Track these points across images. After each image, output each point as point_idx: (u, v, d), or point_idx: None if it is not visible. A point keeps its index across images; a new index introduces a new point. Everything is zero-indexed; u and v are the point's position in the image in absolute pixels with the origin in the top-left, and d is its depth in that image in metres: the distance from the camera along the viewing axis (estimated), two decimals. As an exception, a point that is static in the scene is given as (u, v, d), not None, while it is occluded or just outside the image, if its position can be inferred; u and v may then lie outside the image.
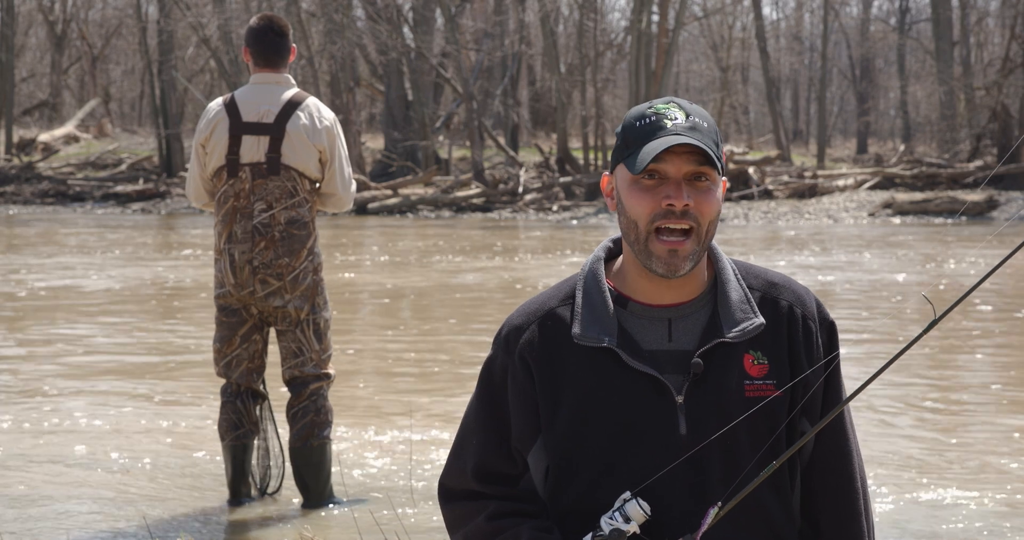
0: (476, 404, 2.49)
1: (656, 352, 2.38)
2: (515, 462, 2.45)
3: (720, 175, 2.40)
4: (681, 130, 2.35)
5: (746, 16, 44.47)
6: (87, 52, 46.19)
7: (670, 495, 2.34)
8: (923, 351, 9.98)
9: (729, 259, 2.49)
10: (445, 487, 2.51)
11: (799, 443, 2.32)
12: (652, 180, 2.36)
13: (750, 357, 2.38)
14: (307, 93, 5.83)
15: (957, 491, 6.11)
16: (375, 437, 7.19)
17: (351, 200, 5.85)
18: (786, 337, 2.41)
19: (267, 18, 5.82)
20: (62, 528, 5.54)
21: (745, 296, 2.42)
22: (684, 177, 2.36)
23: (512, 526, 2.40)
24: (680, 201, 2.33)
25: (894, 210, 27.21)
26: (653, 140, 2.35)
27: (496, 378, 2.46)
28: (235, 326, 5.75)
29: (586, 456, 2.38)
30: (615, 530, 2.28)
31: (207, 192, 5.79)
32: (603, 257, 2.49)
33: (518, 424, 2.43)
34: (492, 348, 2.48)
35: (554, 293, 2.48)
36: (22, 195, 32.22)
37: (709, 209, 2.36)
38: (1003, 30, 39.15)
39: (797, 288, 2.48)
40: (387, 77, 35.63)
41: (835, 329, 2.47)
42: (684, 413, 2.35)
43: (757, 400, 2.35)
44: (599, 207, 28.77)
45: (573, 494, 2.39)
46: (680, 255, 2.35)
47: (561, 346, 2.41)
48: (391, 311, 13.22)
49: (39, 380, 9.03)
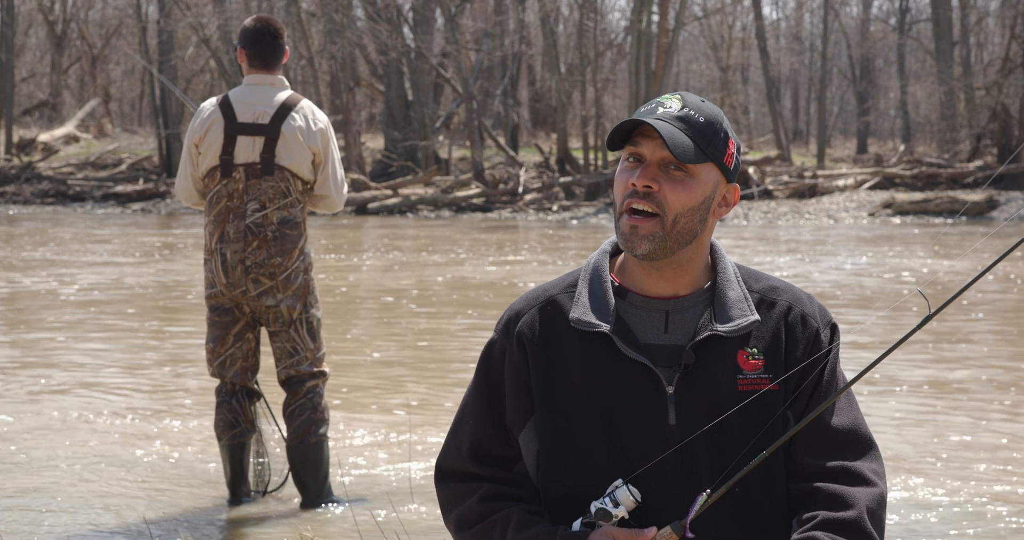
0: (474, 386, 2.54)
1: (651, 344, 2.41)
2: (510, 445, 2.48)
3: (716, 165, 2.40)
4: (664, 117, 2.38)
5: (746, 16, 44.47)
6: (87, 52, 46.19)
7: (660, 484, 2.36)
8: (923, 344, 9.98)
9: (733, 263, 2.51)
10: (441, 468, 2.55)
11: (789, 434, 2.33)
12: (633, 163, 2.40)
13: (744, 353, 2.40)
14: (300, 95, 5.86)
15: (940, 489, 6.11)
16: (375, 437, 7.19)
17: (343, 202, 5.88)
18: (784, 335, 2.43)
19: (263, 20, 5.84)
20: (62, 528, 5.54)
21: (743, 295, 2.44)
22: (658, 163, 2.38)
23: (503, 508, 2.44)
24: (642, 180, 2.37)
25: (894, 210, 27.20)
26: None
27: (495, 362, 2.50)
28: (228, 325, 5.76)
29: (576, 440, 2.41)
30: (601, 510, 2.32)
31: (198, 192, 5.80)
32: (609, 251, 2.52)
33: (511, 405, 2.47)
34: (493, 332, 2.53)
35: (558, 282, 2.52)
36: (22, 195, 32.21)
37: (675, 199, 2.37)
38: (1003, 30, 39.15)
39: (797, 292, 2.50)
40: (387, 77, 35.63)
41: (836, 330, 2.48)
42: (674, 404, 2.38)
43: (750, 394, 2.37)
44: (599, 207, 28.78)
45: (563, 479, 2.42)
46: (639, 233, 2.37)
47: (558, 331, 2.45)
48: (391, 310, 13.22)
49: (39, 380, 9.03)
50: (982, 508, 5.88)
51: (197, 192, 5.81)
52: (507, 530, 2.41)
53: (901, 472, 6.44)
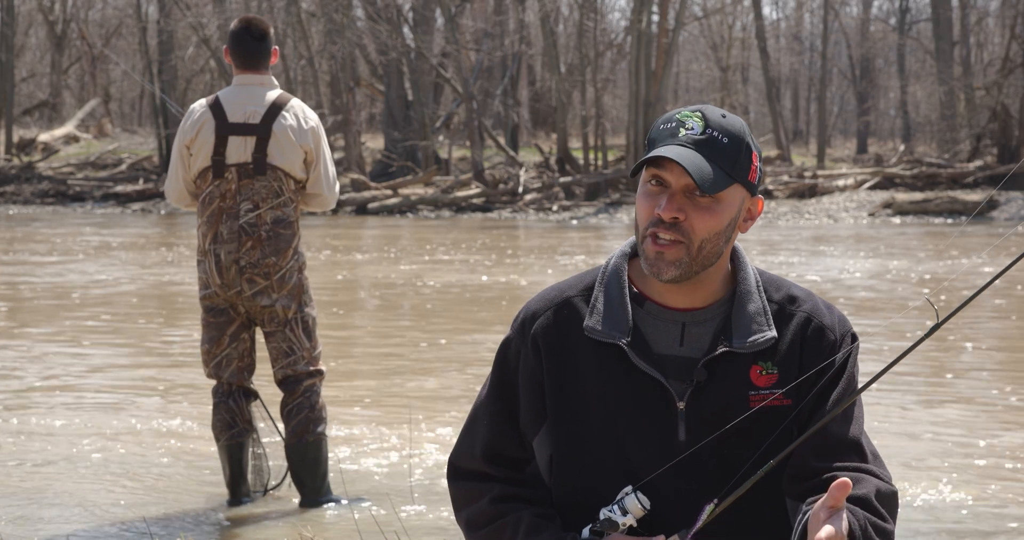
0: (489, 385, 2.52)
1: (665, 356, 2.38)
2: (523, 446, 2.47)
3: (741, 183, 2.36)
4: (688, 142, 2.32)
5: (746, 16, 44.47)
6: (87, 52, 46.18)
7: (668, 494, 2.34)
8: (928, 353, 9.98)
9: (755, 269, 2.46)
10: (454, 465, 2.54)
11: (795, 443, 2.29)
12: (656, 187, 2.35)
13: (758, 368, 2.37)
14: (290, 94, 5.85)
15: (941, 488, 6.11)
16: (375, 436, 7.19)
17: (335, 200, 5.88)
18: (800, 348, 2.39)
19: (245, 21, 5.81)
20: (62, 528, 5.54)
21: (763, 308, 2.40)
22: (683, 190, 2.34)
23: (514, 511, 2.43)
24: (668, 213, 2.33)
25: (894, 210, 27.21)
26: (659, 146, 2.34)
27: (510, 361, 2.48)
28: (223, 326, 5.75)
29: (588, 449, 2.40)
30: (607, 520, 2.32)
31: (189, 193, 5.80)
32: (628, 253, 2.49)
33: (525, 408, 2.45)
34: (509, 330, 2.51)
35: (575, 283, 2.49)
36: (22, 195, 32.21)
37: (702, 226, 2.33)
38: (1003, 30, 39.15)
39: (818, 301, 2.45)
40: (387, 77, 35.62)
41: (856, 343, 2.43)
42: (684, 420, 2.36)
43: (762, 409, 2.34)
44: (599, 207, 28.78)
45: (575, 485, 2.41)
46: (665, 259, 2.34)
47: (573, 336, 2.42)
48: (390, 310, 13.22)
49: (38, 380, 9.03)
50: (983, 509, 5.88)
51: (188, 193, 5.81)
52: (517, 534, 2.41)
53: (901, 472, 6.44)
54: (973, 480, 6.34)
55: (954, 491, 6.12)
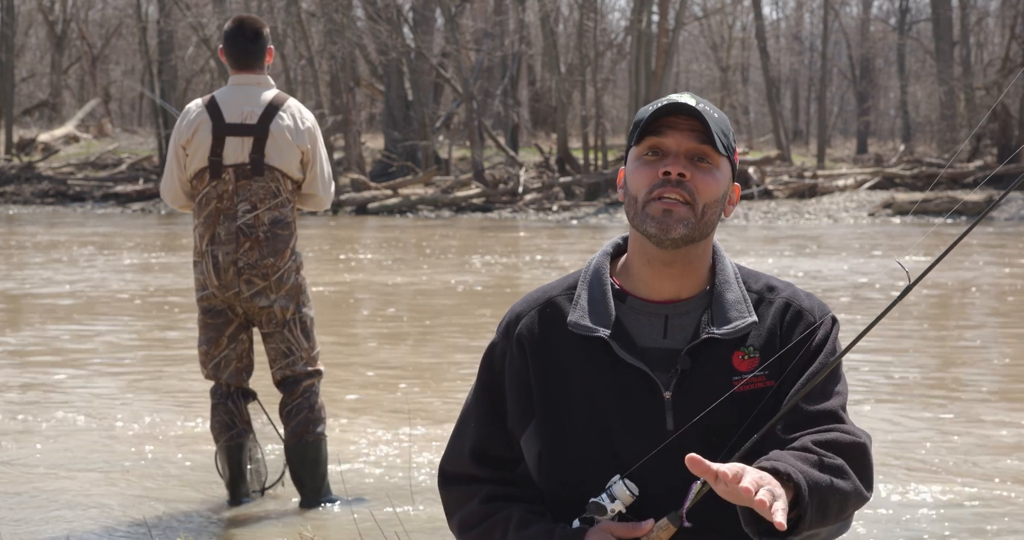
0: (476, 389, 2.54)
1: (649, 349, 2.41)
2: (512, 446, 2.49)
3: (728, 161, 2.42)
4: (686, 110, 2.38)
5: (746, 16, 44.48)
6: (87, 52, 46.18)
7: (656, 482, 2.36)
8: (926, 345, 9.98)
9: (733, 263, 2.51)
10: (444, 471, 2.56)
11: (779, 415, 2.32)
12: (654, 156, 2.39)
13: (739, 353, 2.40)
14: (286, 94, 5.83)
15: (940, 489, 6.11)
16: (374, 436, 7.19)
17: (330, 200, 5.87)
18: (779, 331, 2.43)
19: (239, 21, 5.78)
20: (63, 528, 5.54)
21: (742, 296, 2.44)
22: (685, 153, 2.38)
23: (505, 509, 2.45)
24: (676, 168, 2.36)
25: (894, 210, 27.21)
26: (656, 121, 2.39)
27: (496, 364, 2.51)
28: (221, 327, 5.74)
29: (575, 444, 2.42)
30: (595, 504, 2.33)
31: (185, 194, 5.77)
32: (610, 252, 2.52)
33: (513, 408, 2.47)
34: (495, 334, 2.53)
35: (558, 284, 2.52)
36: (22, 195, 32.22)
37: (707, 188, 2.38)
38: (1003, 30, 39.16)
39: (796, 290, 2.50)
40: (387, 77, 35.63)
41: (836, 324, 2.47)
42: (671, 409, 2.38)
43: (746, 393, 2.37)
44: (599, 207, 28.78)
45: (565, 481, 2.43)
46: (674, 216, 2.36)
47: (557, 334, 2.45)
48: (390, 310, 13.22)
49: (39, 380, 9.03)
50: (984, 509, 5.88)
51: (184, 194, 5.77)
52: (508, 530, 2.43)
53: (901, 472, 6.44)
54: (973, 480, 6.34)
55: (954, 491, 6.12)
